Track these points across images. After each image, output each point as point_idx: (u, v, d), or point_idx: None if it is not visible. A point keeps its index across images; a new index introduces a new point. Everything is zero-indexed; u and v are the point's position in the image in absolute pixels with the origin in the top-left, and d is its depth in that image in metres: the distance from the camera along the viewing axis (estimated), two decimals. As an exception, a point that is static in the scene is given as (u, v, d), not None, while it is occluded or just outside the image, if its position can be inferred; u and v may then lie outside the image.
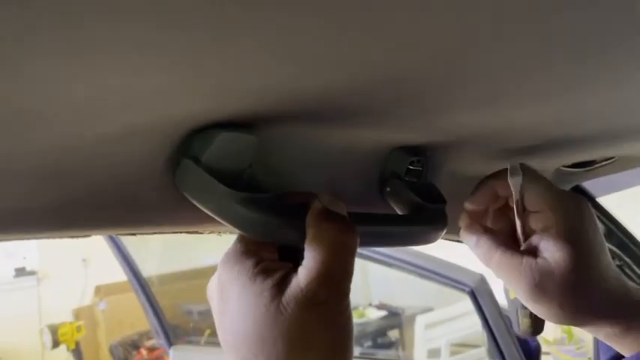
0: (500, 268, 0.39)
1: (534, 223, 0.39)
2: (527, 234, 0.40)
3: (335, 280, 0.30)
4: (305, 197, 0.33)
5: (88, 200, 0.33)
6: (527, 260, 0.38)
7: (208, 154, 0.30)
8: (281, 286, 0.30)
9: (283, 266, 0.31)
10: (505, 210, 0.42)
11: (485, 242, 0.40)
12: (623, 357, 0.39)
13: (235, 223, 0.31)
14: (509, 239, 0.41)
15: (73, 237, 0.39)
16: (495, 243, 0.39)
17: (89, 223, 0.36)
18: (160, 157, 0.31)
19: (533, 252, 0.38)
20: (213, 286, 0.33)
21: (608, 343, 0.40)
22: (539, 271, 0.37)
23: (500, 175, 0.40)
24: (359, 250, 0.32)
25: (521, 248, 0.40)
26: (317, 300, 0.29)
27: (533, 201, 0.39)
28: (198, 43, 0.19)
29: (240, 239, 0.33)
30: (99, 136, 0.27)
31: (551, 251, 0.37)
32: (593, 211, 0.39)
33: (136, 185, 0.33)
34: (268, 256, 0.32)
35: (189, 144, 0.31)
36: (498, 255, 0.39)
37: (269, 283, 0.30)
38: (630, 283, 0.40)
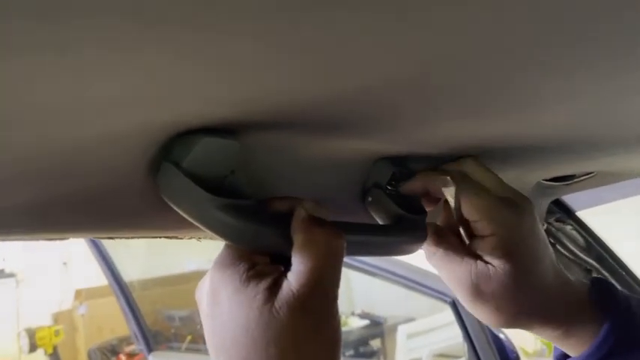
0: (441, 266, 0.40)
1: (474, 229, 0.39)
2: (470, 236, 0.40)
3: (325, 285, 0.30)
4: (286, 204, 0.33)
5: (66, 202, 0.32)
6: (467, 261, 0.38)
7: (190, 159, 0.30)
8: (273, 289, 0.30)
9: (275, 270, 0.31)
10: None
11: (429, 238, 0.40)
12: (569, 357, 0.40)
13: (215, 229, 0.31)
14: (454, 237, 0.41)
15: (49, 239, 0.38)
16: (439, 240, 0.40)
17: (66, 226, 0.36)
18: (141, 160, 0.31)
19: (474, 253, 0.39)
20: (203, 289, 0.33)
21: (554, 344, 0.41)
22: (477, 273, 0.38)
23: (432, 175, 0.41)
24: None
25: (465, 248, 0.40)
26: (308, 305, 0.29)
27: (469, 211, 0.38)
28: (177, 51, 0.19)
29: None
30: (77, 139, 0.27)
31: (489, 257, 0.38)
32: (535, 216, 0.39)
33: (116, 188, 0.33)
34: (260, 259, 0.32)
35: (171, 148, 0.31)
36: (440, 252, 0.39)
37: (261, 286, 0.30)
38: (577, 285, 0.41)
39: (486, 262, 0.38)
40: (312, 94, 0.26)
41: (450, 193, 0.39)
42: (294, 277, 0.30)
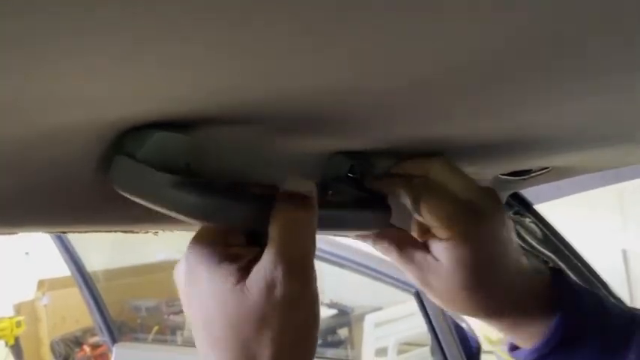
0: (398, 260, 0.41)
1: (431, 229, 0.40)
2: (424, 231, 0.41)
3: (294, 260, 0.30)
4: (258, 188, 0.34)
5: (16, 197, 0.32)
6: (419, 255, 0.39)
7: (143, 152, 0.30)
8: (247, 269, 0.30)
9: (250, 251, 0.32)
10: None
11: (386, 233, 0.41)
12: (519, 347, 0.41)
13: (173, 207, 0.31)
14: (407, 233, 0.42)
15: (1, 234, 0.38)
16: (395, 236, 0.41)
17: (16, 220, 0.35)
18: (92, 155, 0.30)
19: (426, 248, 0.40)
20: (180, 269, 0.33)
21: (506, 335, 0.42)
22: (428, 268, 0.39)
23: (393, 182, 0.41)
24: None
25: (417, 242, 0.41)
26: (278, 281, 0.29)
27: (428, 218, 0.38)
28: (121, 48, 0.19)
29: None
30: (25, 134, 0.26)
31: (442, 257, 0.38)
32: (501, 218, 0.39)
33: (68, 183, 0.32)
34: (234, 241, 0.32)
35: (123, 143, 0.30)
36: (394, 248, 0.41)
37: (234, 267, 0.30)
38: (535, 279, 0.41)
39: (436, 259, 0.39)
40: (260, 92, 0.26)
41: (410, 198, 0.40)
42: (265, 255, 0.30)
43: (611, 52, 0.25)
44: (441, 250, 0.38)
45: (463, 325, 1.47)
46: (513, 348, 0.43)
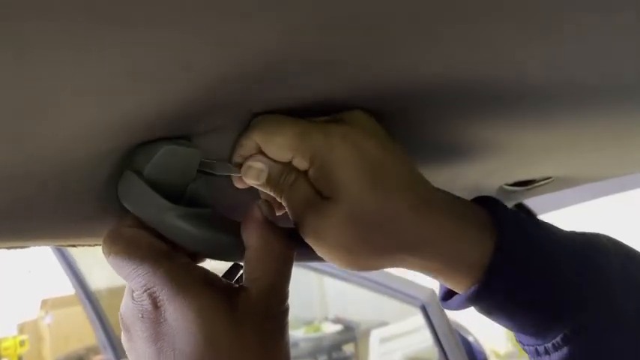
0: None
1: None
2: None
3: (281, 293, 0.31)
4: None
5: (26, 209, 0.32)
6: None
7: (150, 167, 0.30)
8: (232, 299, 0.29)
9: (220, 278, 0.31)
10: None
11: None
12: (456, 293, 0.34)
13: (175, 237, 0.31)
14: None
15: (9, 248, 0.38)
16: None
17: (27, 233, 0.36)
18: (103, 168, 0.31)
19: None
20: (133, 309, 0.30)
21: (440, 282, 0.35)
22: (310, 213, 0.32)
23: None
24: (316, 264, 0.33)
25: None
26: (269, 313, 0.30)
27: (274, 151, 0.31)
28: (114, 62, 0.19)
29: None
30: (36, 146, 0.27)
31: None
32: (367, 132, 0.31)
33: (78, 196, 0.32)
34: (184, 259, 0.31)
35: (133, 156, 0.31)
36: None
37: (219, 296, 0.29)
38: (459, 208, 0.32)
39: (322, 198, 0.31)
40: (252, 98, 0.26)
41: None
42: (254, 285, 0.30)
43: None
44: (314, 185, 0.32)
45: (470, 338, 1.46)
46: (448, 296, 0.35)
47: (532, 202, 0.79)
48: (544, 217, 0.81)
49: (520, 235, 0.31)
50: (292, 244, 0.32)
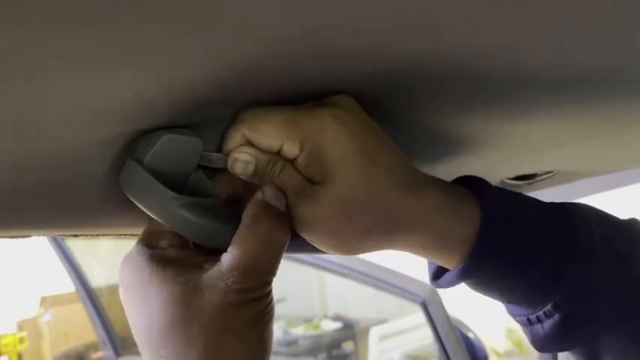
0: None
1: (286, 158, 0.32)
2: None
3: (259, 275, 0.30)
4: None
5: (28, 198, 0.32)
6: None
7: (152, 156, 0.30)
8: (197, 271, 0.30)
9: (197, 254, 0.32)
10: None
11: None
12: (448, 270, 0.34)
13: (177, 226, 0.31)
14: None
15: (11, 237, 0.38)
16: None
17: (29, 223, 0.36)
18: (104, 157, 0.31)
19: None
20: (124, 271, 0.32)
21: (430, 260, 0.35)
22: (301, 197, 0.32)
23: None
24: (315, 259, 0.32)
25: None
26: (237, 288, 0.29)
27: (263, 139, 0.31)
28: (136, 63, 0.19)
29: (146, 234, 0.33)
30: (39, 134, 0.27)
31: (310, 177, 0.32)
32: (350, 116, 0.31)
33: (80, 185, 0.32)
34: (173, 241, 0.33)
35: (135, 145, 0.31)
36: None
37: (181, 270, 0.30)
38: (441, 188, 0.33)
39: (311, 184, 0.32)
40: (256, 88, 0.26)
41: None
42: (228, 259, 0.30)
43: None
44: (305, 170, 0.32)
45: (470, 335, 1.46)
46: (439, 273, 0.36)
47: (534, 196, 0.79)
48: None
49: (505, 208, 0.32)
50: (284, 231, 0.31)
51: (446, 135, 0.40)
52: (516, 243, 0.32)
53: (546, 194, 0.73)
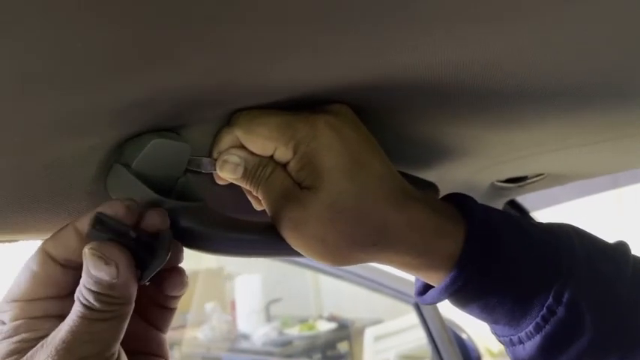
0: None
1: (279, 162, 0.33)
2: None
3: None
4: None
5: (14, 202, 0.32)
6: None
7: (139, 160, 0.30)
8: None
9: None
10: None
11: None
12: (432, 286, 0.34)
13: None
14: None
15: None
16: None
17: (15, 227, 0.35)
18: (92, 162, 0.30)
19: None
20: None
21: (416, 276, 0.35)
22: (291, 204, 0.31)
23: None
24: (310, 261, 0.32)
25: None
26: None
27: (256, 144, 0.31)
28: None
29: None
30: (24, 140, 0.27)
31: (301, 183, 0.31)
32: (345, 123, 0.31)
33: (66, 190, 0.32)
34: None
35: (122, 150, 0.30)
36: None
37: None
38: (431, 205, 0.33)
39: (300, 189, 0.31)
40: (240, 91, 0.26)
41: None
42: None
43: None
44: (295, 174, 0.32)
45: (464, 336, 1.47)
46: (424, 290, 0.36)
47: (524, 200, 0.79)
48: (536, 214, 0.81)
49: (490, 227, 0.32)
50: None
51: (436, 142, 0.40)
52: (499, 263, 0.32)
53: (537, 197, 0.74)
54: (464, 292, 0.32)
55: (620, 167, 0.65)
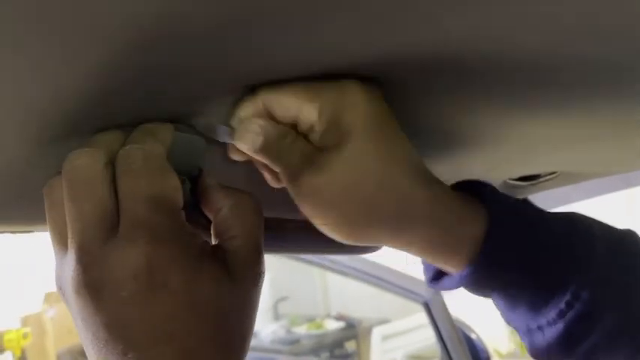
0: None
1: (302, 124, 0.31)
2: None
3: (261, 247, 0.29)
4: None
5: (31, 194, 0.32)
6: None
7: None
8: (219, 257, 0.27)
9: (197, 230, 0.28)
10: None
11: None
12: (447, 273, 0.34)
13: None
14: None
15: (14, 232, 0.38)
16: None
17: (32, 219, 0.36)
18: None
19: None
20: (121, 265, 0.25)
21: (430, 261, 0.34)
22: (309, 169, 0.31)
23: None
24: (318, 259, 0.32)
25: None
26: (256, 270, 0.28)
27: (283, 103, 0.30)
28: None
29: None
30: (39, 133, 0.27)
31: (323, 147, 0.30)
32: (368, 97, 0.30)
33: None
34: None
35: None
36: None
37: (214, 258, 0.27)
38: (449, 192, 0.32)
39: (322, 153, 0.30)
40: None
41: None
42: (234, 244, 0.28)
43: None
44: (319, 137, 0.30)
45: (473, 336, 1.46)
46: (438, 275, 0.35)
47: (537, 198, 0.78)
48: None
49: (510, 212, 0.32)
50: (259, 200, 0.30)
51: (447, 135, 0.40)
52: (521, 247, 0.31)
53: (549, 195, 0.73)
54: (485, 281, 0.32)
55: (634, 166, 0.64)
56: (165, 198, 0.26)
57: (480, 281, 0.32)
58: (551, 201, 0.79)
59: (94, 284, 0.24)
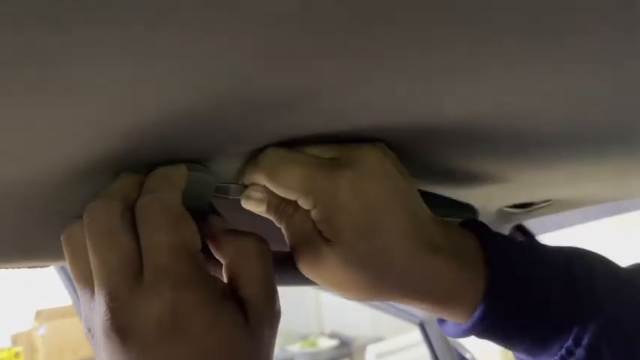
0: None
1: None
2: None
3: (276, 293, 0.30)
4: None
5: (49, 229, 0.32)
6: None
7: None
8: (237, 300, 0.28)
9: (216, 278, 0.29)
10: None
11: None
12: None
13: None
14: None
15: (31, 267, 0.38)
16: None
17: (49, 253, 0.36)
18: None
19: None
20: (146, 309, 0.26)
21: (436, 313, 0.35)
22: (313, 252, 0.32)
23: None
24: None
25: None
26: (273, 317, 0.29)
27: (279, 186, 0.31)
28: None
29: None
30: (59, 173, 0.28)
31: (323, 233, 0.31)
32: (372, 172, 0.31)
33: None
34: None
35: None
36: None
37: (232, 302, 0.28)
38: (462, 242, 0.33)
39: (320, 237, 0.31)
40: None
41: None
42: (252, 292, 0.29)
43: None
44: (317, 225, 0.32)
45: (467, 356, 1.46)
46: (443, 320, 0.37)
47: (531, 223, 0.80)
48: (543, 237, 0.81)
49: (513, 270, 0.33)
50: (266, 243, 0.31)
51: (447, 173, 0.41)
52: (522, 298, 0.32)
53: (544, 220, 0.74)
54: (486, 331, 0.33)
55: (625, 195, 0.66)
56: (186, 244, 0.27)
57: (481, 335, 0.34)
58: (546, 225, 0.81)
59: (123, 328, 0.26)
